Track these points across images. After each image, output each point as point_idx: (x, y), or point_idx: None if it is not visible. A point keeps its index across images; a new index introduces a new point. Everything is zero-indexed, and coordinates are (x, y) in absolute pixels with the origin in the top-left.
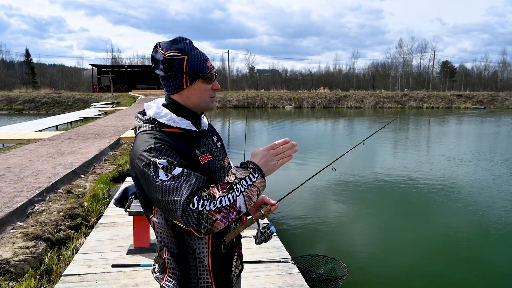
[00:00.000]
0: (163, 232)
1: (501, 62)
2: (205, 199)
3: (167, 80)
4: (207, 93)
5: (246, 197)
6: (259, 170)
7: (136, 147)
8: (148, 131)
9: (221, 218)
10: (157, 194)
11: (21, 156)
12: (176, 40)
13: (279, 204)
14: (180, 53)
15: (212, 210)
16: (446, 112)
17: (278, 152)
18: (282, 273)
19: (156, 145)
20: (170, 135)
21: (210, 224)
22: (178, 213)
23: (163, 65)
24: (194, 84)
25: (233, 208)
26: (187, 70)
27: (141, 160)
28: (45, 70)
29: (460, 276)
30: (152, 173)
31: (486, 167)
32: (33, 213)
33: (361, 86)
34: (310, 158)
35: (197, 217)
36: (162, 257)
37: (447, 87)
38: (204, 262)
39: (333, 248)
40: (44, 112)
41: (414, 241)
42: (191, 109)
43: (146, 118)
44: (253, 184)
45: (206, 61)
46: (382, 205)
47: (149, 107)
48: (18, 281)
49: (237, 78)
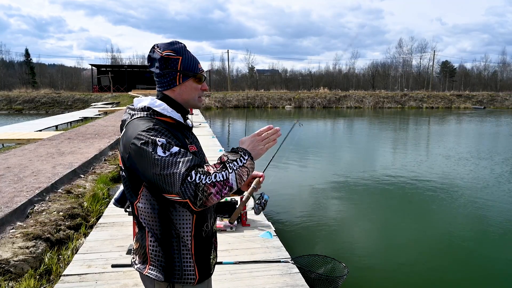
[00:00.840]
0: (148, 218)
1: (501, 62)
2: (202, 174)
3: (162, 77)
4: (196, 92)
5: (238, 175)
6: (249, 154)
7: (132, 130)
8: (143, 117)
9: (215, 192)
10: (155, 168)
11: (20, 156)
12: (173, 43)
13: (265, 175)
14: (176, 54)
15: (207, 183)
16: (446, 112)
17: (263, 138)
18: (282, 273)
19: (155, 126)
20: (164, 123)
21: (205, 197)
22: (177, 184)
23: (160, 63)
24: (186, 82)
25: (226, 184)
26: (181, 69)
27: (140, 139)
28: (45, 70)
29: (460, 275)
30: (151, 149)
31: (486, 167)
32: (33, 213)
33: (360, 86)
34: (310, 158)
35: (194, 189)
36: (145, 245)
37: (446, 87)
38: (187, 245)
39: (332, 248)
40: (43, 112)
41: (414, 240)
42: (181, 104)
43: (141, 106)
44: (243, 165)
45: (197, 64)
46: (382, 205)
47: (141, 100)
48: (18, 281)
49: (237, 78)
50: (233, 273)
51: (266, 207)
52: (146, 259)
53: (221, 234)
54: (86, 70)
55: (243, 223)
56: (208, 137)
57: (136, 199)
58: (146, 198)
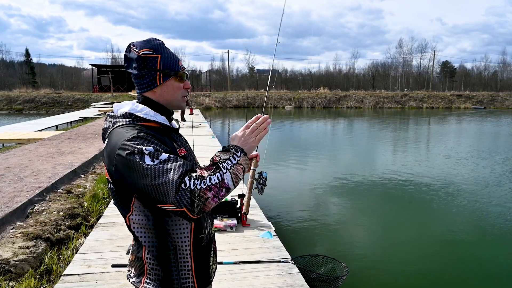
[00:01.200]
0: (143, 230)
1: (501, 62)
2: (196, 178)
3: (140, 78)
4: (179, 91)
5: (233, 174)
6: (241, 150)
7: (115, 140)
8: (125, 124)
9: (212, 196)
10: (145, 179)
11: (21, 156)
12: (150, 40)
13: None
14: (154, 52)
15: (203, 188)
16: (446, 112)
17: (253, 129)
18: (282, 273)
19: (139, 134)
20: (148, 128)
21: (203, 203)
22: (171, 193)
23: (137, 63)
24: (167, 81)
25: (222, 185)
26: (161, 68)
27: (125, 149)
28: (45, 70)
29: (460, 275)
30: (138, 159)
31: (486, 167)
32: (33, 213)
33: (361, 86)
34: (311, 158)
35: (190, 196)
36: (141, 257)
37: (447, 87)
38: (186, 257)
39: (333, 248)
40: (44, 112)
41: (414, 240)
42: (164, 106)
43: (122, 113)
44: (237, 163)
45: (178, 61)
46: (382, 205)
47: (121, 106)
48: (18, 281)
49: (237, 78)
50: (233, 273)
51: (266, 184)
52: (143, 272)
53: (221, 234)
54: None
55: (243, 223)
56: (208, 137)
57: (129, 212)
58: (139, 210)
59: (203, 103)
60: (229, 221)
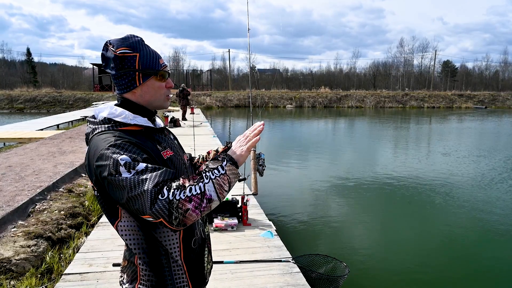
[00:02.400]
0: (133, 236)
1: (503, 61)
2: (175, 189)
3: (119, 79)
4: (161, 90)
5: (217, 184)
6: (229, 159)
7: (93, 150)
8: (104, 131)
9: (192, 208)
10: (122, 192)
11: (22, 155)
12: (127, 38)
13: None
14: (132, 51)
15: (182, 199)
16: (447, 111)
17: (246, 137)
18: (283, 273)
19: (116, 142)
20: (129, 133)
21: (182, 215)
22: (146, 204)
23: (115, 63)
24: (147, 81)
25: (203, 197)
26: (140, 67)
27: (101, 159)
28: (46, 69)
29: (460, 275)
30: (114, 171)
31: (487, 167)
32: (34, 212)
33: (362, 85)
34: (311, 157)
35: (168, 207)
36: (134, 263)
37: (448, 86)
38: (178, 261)
39: (333, 248)
40: (45, 111)
41: (414, 240)
42: (145, 106)
43: (100, 119)
44: (225, 173)
45: (158, 59)
46: (382, 204)
47: (101, 110)
48: (19, 279)
49: (238, 78)
50: (234, 273)
51: (265, 165)
52: (136, 278)
53: (222, 233)
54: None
55: (244, 222)
56: (209, 137)
57: (117, 219)
58: (126, 217)
59: (204, 103)
60: (230, 220)
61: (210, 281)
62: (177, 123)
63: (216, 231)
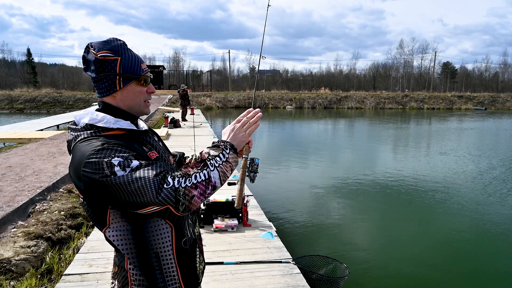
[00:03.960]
0: (123, 241)
1: (502, 63)
2: (180, 177)
3: (99, 82)
4: (141, 95)
5: (221, 172)
6: (231, 146)
7: (79, 156)
8: (87, 138)
9: (198, 194)
10: (121, 190)
11: (22, 156)
12: (109, 41)
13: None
14: (113, 54)
15: (188, 186)
16: (447, 113)
17: (244, 123)
18: (283, 274)
19: (104, 146)
20: (113, 137)
21: (188, 201)
22: (152, 194)
23: (95, 66)
24: (128, 86)
25: (208, 183)
26: (121, 71)
27: (90, 163)
28: (46, 70)
29: (461, 276)
30: (108, 173)
31: (487, 168)
32: (34, 212)
33: (361, 86)
34: (312, 158)
35: (174, 194)
36: (124, 268)
37: (448, 88)
38: (170, 262)
39: (334, 249)
40: (45, 111)
41: (415, 241)
42: (126, 111)
43: (82, 125)
44: (226, 161)
45: (140, 63)
46: (383, 206)
47: (82, 116)
48: (19, 280)
49: (238, 79)
50: (234, 273)
51: (257, 171)
52: (127, 283)
53: (222, 234)
54: None
55: (244, 223)
56: (209, 137)
57: (105, 225)
58: (116, 221)
59: (204, 103)
60: (230, 221)
61: (210, 282)
62: (177, 123)
63: (216, 232)
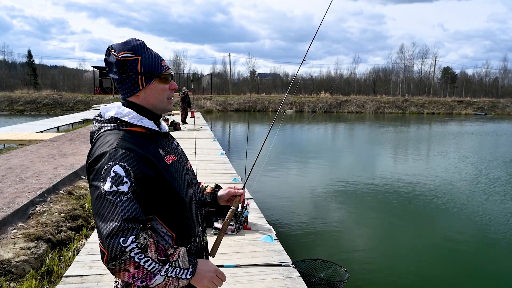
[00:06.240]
0: None
1: (502, 68)
2: (139, 247)
3: (122, 83)
4: (164, 93)
5: (164, 283)
6: (192, 274)
7: (95, 148)
8: (111, 130)
9: (131, 273)
10: (94, 200)
11: (22, 157)
12: (129, 42)
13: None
14: (134, 54)
15: (133, 260)
16: (447, 118)
17: (220, 280)
18: (283, 277)
19: (117, 148)
20: (134, 134)
21: (119, 268)
22: (105, 232)
23: (117, 67)
24: (150, 84)
25: (147, 277)
26: (142, 70)
27: (97, 161)
28: (47, 72)
29: (460, 281)
30: (102, 178)
31: (487, 173)
32: (34, 214)
33: (362, 91)
34: (311, 162)
35: (118, 253)
36: None
37: (448, 93)
38: None
39: (333, 252)
40: (45, 113)
41: (414, 246)
42: (150, 110)
43: (107, 118)
44: (178, 278)
45: (161, 61)
46: (382, 210)
47: (109, 109)
48: (19, 281)
49: (238, 82)
50: (234, 277)
51: (244, 223)
52: (130, 284)
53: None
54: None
55: (244, 226)
56: (209, 140)
57: None
58: None
59: (204, 106)
60: (230, 224)
61: None
62: (177, 126)
63: (216, 234)
